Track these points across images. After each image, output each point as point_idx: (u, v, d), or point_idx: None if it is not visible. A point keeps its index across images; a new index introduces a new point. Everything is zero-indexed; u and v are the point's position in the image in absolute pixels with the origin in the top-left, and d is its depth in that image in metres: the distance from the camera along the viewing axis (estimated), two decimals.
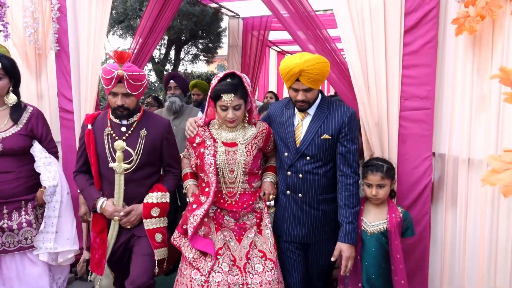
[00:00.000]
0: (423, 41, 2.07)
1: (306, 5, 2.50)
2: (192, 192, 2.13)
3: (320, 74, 1.91)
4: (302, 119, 2.07)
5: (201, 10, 5.23)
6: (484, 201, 1.91)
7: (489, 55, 1.87)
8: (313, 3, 2.57)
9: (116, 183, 2.10)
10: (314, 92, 1.99)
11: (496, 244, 1.86)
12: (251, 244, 2.01)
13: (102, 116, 2.24)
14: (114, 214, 2.11)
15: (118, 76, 2.01)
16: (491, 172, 1.10)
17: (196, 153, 2.10)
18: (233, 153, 2.04)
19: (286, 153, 2.07)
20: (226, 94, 1.92)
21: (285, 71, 1.94)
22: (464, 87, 1.97)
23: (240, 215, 2.06)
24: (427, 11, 2.03)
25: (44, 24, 3.14)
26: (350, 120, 2.00)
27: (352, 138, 1.99)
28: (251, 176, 2.09)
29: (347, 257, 1.94)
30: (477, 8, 1.83)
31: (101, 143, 2.14)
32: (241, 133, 2.08)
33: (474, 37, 1.90)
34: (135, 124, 2.17)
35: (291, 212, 2.09)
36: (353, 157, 1.99)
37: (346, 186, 1.98)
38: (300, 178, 2.04)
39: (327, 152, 2.01)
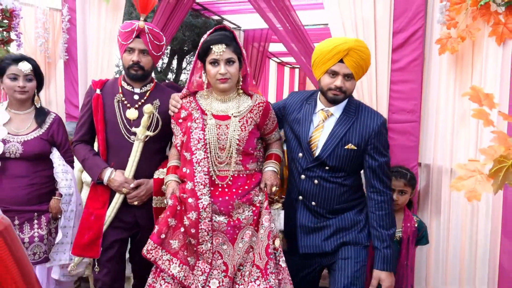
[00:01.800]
0: (410, 59, 2.23)
1: (296, 19, 2.67)
2: (173, 193, 1.79)
3: (366, 61, 1.69)
4: (324, 120, 1.79)
5: (204, 22, 5.43)
6: (465, 209, 2.05)
7: (469, 73, 2.03)
8: (306, 18, 2.74)
9: (134, 150, 1.94)
10: (353, 83, 1.73)
11: (475, 248, 2.00)
12: (247, 249, 1.73)
13: (112, 82, 2.08)
14: (123, 185, 1.92)
15: (138, 28, 1.88)
16: (458, 179, 1.24)
17: (182, 130, 1.81)
18: (225, 127, 1.75)
19: (300, 153, 1.82)
20: (216, 45, 1.66)
21: (328, 49, 1.67)
22: (447, 102, 2.12)
23: (233, 206, 1.73)
24: (413, 31, 2.19)
25: (55, 34, 3.32)
26: (381, 130, 1.74)
27: (382, 150, 1.74)
28: (245, 156, 1.79)
29: (388, 287, 1.72)
30: (458, 30, 1.99)
31: (111, 110, 1.98)
32: (235, 104, 1.78)
33: (456, 56, 2.06)
34: (148, 93, 2.02)
35: (304, 220, 1.84)
36: (384, 171, 1.75)
37: (380, 205, 1.73)
38: (316, 184, 1.79)
39: (350, 163, 1.76)
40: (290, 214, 1.92)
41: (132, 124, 1.97)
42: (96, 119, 2.00)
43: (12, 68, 2.13)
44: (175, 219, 1.75)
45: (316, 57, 1.74)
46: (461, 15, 1.97)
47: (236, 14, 5.08)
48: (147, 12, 1.96)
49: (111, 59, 3.17)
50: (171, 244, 1.72)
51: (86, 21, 3.17)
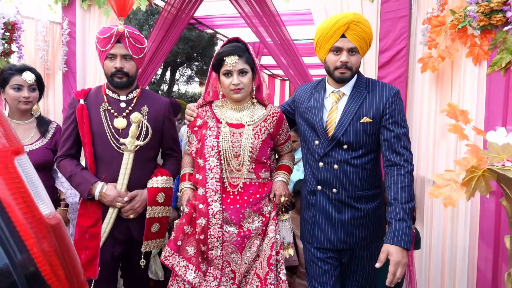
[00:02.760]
0: (395, 76, 2.38)
1: (286, 34, 2.81)
2: (188, 200, 1.80)
3: (368, 33, 1.65)
4: (337, 101, 1.73)
5: (198, 35, 5.57)
6: (446, 216, 2.19)
7: (449, 90, 2.19)
8: (295, 33, 2.88)
9: (124, 163, 1.85)
10: (358, 58, 1.68)
11: (456, 252, 2.13)
12: (254, 258, 1.74)
13: (95, 91, 1.97)
14: (117, 199, 1.83)
15: (118, 33, 1.80)
16: (435, 187, 1.38)
17: (198, 137, 1.82)
18: (238, 135, 1.76)
19: (316, 141, 1.74)
20: (229, 57, 1.69)
21: (329, 25, 1.64)
22: (429, 116, 2.27)
23: (244, 215, 1.73)
24: (397, 50, 2.35)
25: (54, 46, 3.41)
26: (395, 100, 1.67)
27: (399, 121, 1.65)
28: (258, 164, 1.79)
29: (396, 262, 1.51)
30: (438, 51, 2.15)
31: (98, 120, 1.88)
32: (249, 113, 1.80)
33: (437, 74, 2.22)
34: (135, 100, 1.93)
35: (324, 212, 1.74)
36: (402, 143, 1.64)
37: (395, 177, 1.61)
38: (335, 169, 1.70)
39: (368, 139, 1.68)
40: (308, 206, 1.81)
41: (120, 133, 1.88)
42: (82, 131, 1.88)
43: (16, 79, 2.12)
44: (191, 226, 1.76)
45: (318, 37, 1.71)
46: (441, 36, 2.13)
47: (229, 28, 5.22)
48: (125, 14, 1.89)
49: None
50: (187, 250, 1.74)
51: (85, 34, 3.28)
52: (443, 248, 2.19)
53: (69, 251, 0.61)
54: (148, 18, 5.35)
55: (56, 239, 0.59)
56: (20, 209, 0.53)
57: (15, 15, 3.00)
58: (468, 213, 2.07)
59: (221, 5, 3.45)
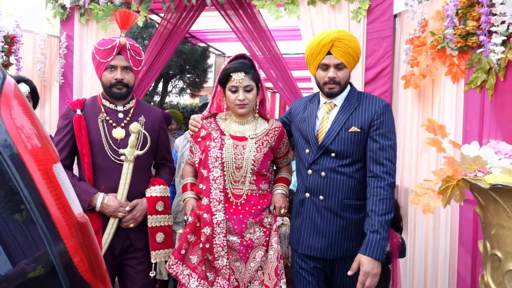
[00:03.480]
0: (380, 91, 2.53)
1: (275, 48, 2.95)
2: (192, 209, 1.84)
3: (353, 48, 1.72)
4: (328, 112, 1.81)
5: (191, 49, 5.70)
6: (428, 225, 2.32)
7: (430, 105, 2.34)
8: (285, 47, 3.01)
9: (124, 173, 1.86)
10: (346, 72, 1.75)
11: (437, 258, 2.25)
12: (257, 269, 1.78)
13: (91, 101, 1.97)
14: (118, 210, 1.84)
15: (119, 45, 1.83)
16: (415, 196, 1.51)
17: (201, 148, 1.86)
18: (241, 148, 1.81)
19: (307, 150, 1.80)
20: (236, 73, 1.75)
21: (315, 44, 1.73)
22: (412, 130, 2.42)
23: (247, 225, 1.78)
24: (382, 68, 2.50)
25: (51, 59, 3.49)
26: (384, 112, 1.72)
27: (386, 132, 1.70)
28: (259, 176, 1.85)
29: (366, 272, 1.56)
30: (420, 69, 2.31)
31: (96, 131, 1.88)
32: (252, 126, 1.86)
33: (419, 91, 2.37)
34: (132, 111, 1.96)
35: (309, 219, 1.78)
36: (386, 154, 1.67)
37: (375, 189, 1.65)
38: (323, 177, 1.74)
39: (355, 148, 1.72)
40: (296, 213, 1.87)
41: (118, 143, 1.90)
42: (80, 142, 1.87)
43: None
44: (194, 235, 1.80)
45: (307, 54, 1.80)
46: (422, 56, 2.29)
47: (221, 42, 5.37)
48: (128, 27, 1.93)
49: None
50: (191, 259, 1.78)
51: (83, 48, 3.37)
52: (425, 254, 2.31)
53: (93, 245, 0.71)
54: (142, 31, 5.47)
55: (84, 235, 0.68)
56: (58, 208, 0.62)
57: (15, 28, 3.10)
58: (448, 221, 2.20)
59: (214, 20, 3.59)
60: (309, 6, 2.61)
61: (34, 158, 0.60)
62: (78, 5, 3.26)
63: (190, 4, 2.95)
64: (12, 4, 3.46)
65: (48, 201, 0.61)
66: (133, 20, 1.95)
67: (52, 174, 0.64)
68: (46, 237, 0.59)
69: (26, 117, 0.64)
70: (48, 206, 0.61)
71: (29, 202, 0.58)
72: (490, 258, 1.39)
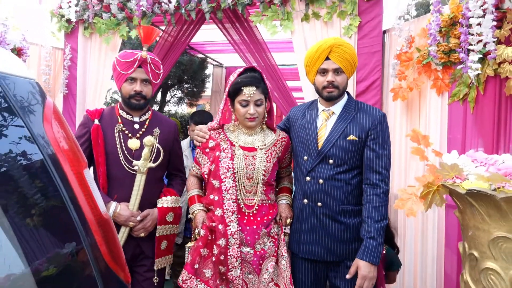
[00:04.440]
0: (370, 103, 2.64)
1: (271, 59, 3.09)
2: (203, 222, 1.82)
3: (350, 54, 1.79)
4: (326, 119, 1.87)
5: (189, 60, 5.82)
6: (417, 229, 2.44)
7: (417, 116, 2.48)
8: (279, 58, 3.15)
9: (136, 184, 1.90)
10: (344, 77, 1.81)
11: (425, 261, 2.37)
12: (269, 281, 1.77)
13: (109, 112, 2.02)
14: (130, 219, 1.88)
15: (141, 58, 1.88)
16: (399, 200, 1.64)
17: (210, 158, 1.86)
18: (251, 158, 1.82)
19: (305, 156, 1.85)
20: (247, 87, 1.75)
21: (314, 50, 1.81)
22: (401, 139, 2.56)
23: (259, 235, 1.78)
24: (373, 81, 2.65)
25: (55, 70, 3.62)
26: (381, 122, 1.80)
27: (382, 142, 1.78)
28: (268, 186, 1.87)
29: (363, 276, 1.65)
30: (407, 82, 2.46)
31: (112, 141, 1.93)
32: (260, 137, 1.88)
33: (406, 103, 2.52)
34: (147, 122, 2.01)
35: (308, 224, 1.83)
36: (382, 163, 1.76)
37: (371, 197, 1.73)
38: (321, 184, 1.80)
39: (352, 156, 1.79)
40: (295, 218, 1.91)
41: (133, 154, 1.94)
42: (96, 151, 1.92)
43: None
44: (207, 248, 1.79)
45: (306, 61, 1.87)
46: (409, 70, 2.44)
47: (219, 53, 5.53)
48: (150, 42, 1.99)
49: (108, 94, 3.49)
50: (205, 273, 1.76)
51: (86, 60, 3.51)
52: (415, 256, 2.44)
53: (114, 239, 0.82)
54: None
55: (107, 230, 0.80)
56: (89, 206, 0.74)
57: (21, 41, 3.22)
58: (435, 225, 2.33)
59: (212, 32, 3.73)
60: (302, 22, 2.76)
61: (69, 164, 0.72)
62: (83, 19, 3.40)
63: (190, 19, 3.10)
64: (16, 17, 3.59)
65: (81, 200, 0.73)
66: (156, 35, 2.01)
67: (83, 176, 0.76)
68: (80, 231, 0.71)
69: (62, 130, 0.76)
70: (81, 204, 0.73)
71: (67, 200, 0.70)
72: (468, 257, 1.52)
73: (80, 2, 3.37)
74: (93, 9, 3.29)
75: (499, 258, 1.38)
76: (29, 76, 0.76)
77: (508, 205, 1.33)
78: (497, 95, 1.99)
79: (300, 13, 2.77)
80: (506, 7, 1.90)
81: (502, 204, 1.33)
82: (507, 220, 1.35)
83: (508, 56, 1.86)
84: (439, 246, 2.30)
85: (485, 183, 1.38)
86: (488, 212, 1.39)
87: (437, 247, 2.31)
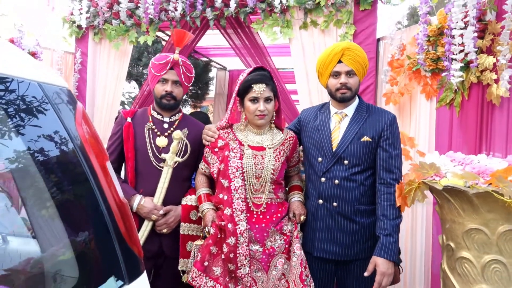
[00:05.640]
0: None
1: (270, 63, 3.23)
2: (213, 221, 1.85)
3: (362, 58, 1.85)
4: (339, 121, 1.92)
5: (194, 63, 6.01)
6: (407, 226, 2.59)
7: (408, 120, 2.63)
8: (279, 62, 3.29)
9: (162, 177, 1.96)
10: (356, 79, 1.88)
11: (414, 257, 2.52)
12: (280, 277, 1.79)
13: (141, 112, 2.14)
14: (152, 211, 1.93)
15: (173, 60, 1.97)
16: None
17: (219, 158, 1.91)
18: (260, 158, 1.87)
19: (320, 158, 1.90)
20: (257, 84, 1.80)
21: (326, 54, 1.88)
22: None
23: (268, 234, 1.82)
24: (367, 86, 2.80)
25: (66, 73, 3.80)
26: (393, 123, 1.87)
27: (394, 142, 1.84)
28: (277, 185, 1.92)
29: (382, 272, 1.70)
30: (399, 87, 2.61)
31: (141, 138, 2.03)
32: (269, 136, 1.92)
33: (398, 107, 2.67)
34: (177, 123, 2.09)
35: (324, 225, 1.87)
36: (395, 163, 1.83)
37: (386, 195, 1.78)
38: (336, 184, 1.85)
39: (367, 156, 1.85)
40: (310, 218, 1.93)
41: (161, 151, 2.01)
42: (126, 147, 2.02)
43: None
44: (216, 246, 1.82)
45: (318, 65, 1.93)
46: (400, 76, 2.59)
47: (222, 57, 5.70)
48: (182, 45, 2.06)
49: (116, 96, 3.66)
50: (214, 270, 1.79)
51: (96, 64, 3.69)
52: (404, 252, 2.58)
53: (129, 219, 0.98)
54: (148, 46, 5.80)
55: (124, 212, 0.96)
56: (110, 191, 0.90)
57: (35, 46, 3.41)
58: (424, 223, 2.47)
59: (215, 37, 3.89)
60: (301, 30, 2.92)
61: (96, 157, 0.89)
62: (93, 25, 3.58)
63: (195, 26, 3.27)
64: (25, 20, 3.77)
65: (104, 186, 0.89)
66: (188, 39, 2.10)
67: (106, 167, 0.92)
68: (104, 211, 0.87)
69: (89, 129, 0.92)
70: (104, 190, 0.89)
71: (94, 186, 0.86)
72: (446, 248, 1.67)
73: (90, 9, 3.55)
74: (103, 16, 3.47)
75: (472, 248, 1.53)
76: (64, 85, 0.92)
77: (480, 200, 1.48)
78: (479, 100, 2.13)
79: (299, 21, 2.93)
80: (488, 19, 2.05)
81: (474, 199, 1.48)
82: (479, 214, 1.50)
83: (489, 64, 2.01)
84: (427, 242, 2.44)
85: (460, 181, 1.53)
86: (463, 207, 1.54)
87: (425, 243, 2.45)
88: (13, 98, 0.76)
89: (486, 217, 1.49)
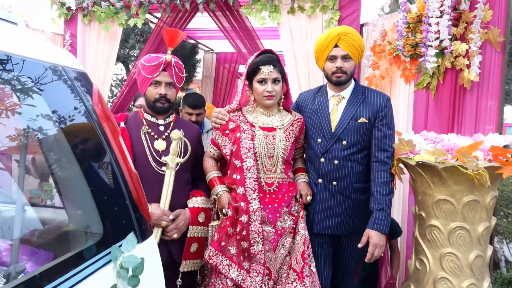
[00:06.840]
0: None
1: (259, 46, 3.29)
2: (229, 203, 1.89)
3: (358, 42, 1.91)
4: (337, 104, 2.00)
5: (181, 45, 6.02)
6: None
7: None
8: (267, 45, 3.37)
9: (166, 181, 1.87)
10: (351, 63, 1.94)
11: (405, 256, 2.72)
12: (286, 254, 1.90)
13: (133, 116, 2.05)
14: (162, 218, 1.84)
15: (166, 62, 1.90)
16: None
17: (231, 140, 1.94)
18: (271, 138, 1.91)
19: (319, 139, 1.98)
20: (265, 66, 1.85)
21: (323, 39, 1.94)
22: None
23: (281, 214, 1.89)
24: None
25: None
26: (387, 105, 1.96)
27: (388, 123, 1.94)
28: (287, 165, 1.98)
29: (374, 244, 1.82)
30: (380, 71, 2.76)
31: (138, 142, 1.94)
32: (278, 118, 1.97)
33: (379, 90, 2.82)
34: (172, 125, 2.02)
35: (323, 202, 1.98)
36: (389, 141, 1.92)
37: (379, 173, 1.88)
38: (335, 164, 1.94)
39: (363, 137, 1.94)
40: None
41: (160, 155, 1.93)
42: None
43: None
44: (232, 227, 1.87)
45: (316, 49, 2.00)
46: (381, 61, 2.74)
47: (210, 39, 5.74)
48: (174, 45, 1.98)
49: (106, 79, 3.72)
50: (230, 250, 1.86)
51: (85, 46, 3.72)
52: None
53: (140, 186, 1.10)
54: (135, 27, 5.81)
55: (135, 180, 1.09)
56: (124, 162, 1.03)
57: (24, 27, 3.41)
58: (401, 197, 2.67)
59: (203, 20, 3.94)
60: (288, 14, 3.03)
61: (111, 132, 1.01)
62: (82, 7, 3.59)
63: (184, 9, 3.33)
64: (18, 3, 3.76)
65: (118, 157, 1.02)
66: (180, 38, 2.02)
67: (119, 141, 1.05)
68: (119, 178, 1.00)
69: (103, 108, 1.04)
70: (118, 160, 1.01)
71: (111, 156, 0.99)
72: (418, 217, 1.86)
73: None
74: None
75: (440, 217, 1.73)
76: (81, 69, 1.03)
77: (448, 173, 1.66)
78: (453, 84, 2.31)
79: (287, 6, 3.03)
80: (462, 8, 2.21)
81: (443, 173, 1.66)
82: (447, 186, 1.69)
83: (462, 51, 2.18)
84: (403, 215, 2.65)
85: (432, 157, 1.71)
86: (433, 180, 1.72)
87: (401, 216, 2.65)
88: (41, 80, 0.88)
89: (453, 189, 1.68)
